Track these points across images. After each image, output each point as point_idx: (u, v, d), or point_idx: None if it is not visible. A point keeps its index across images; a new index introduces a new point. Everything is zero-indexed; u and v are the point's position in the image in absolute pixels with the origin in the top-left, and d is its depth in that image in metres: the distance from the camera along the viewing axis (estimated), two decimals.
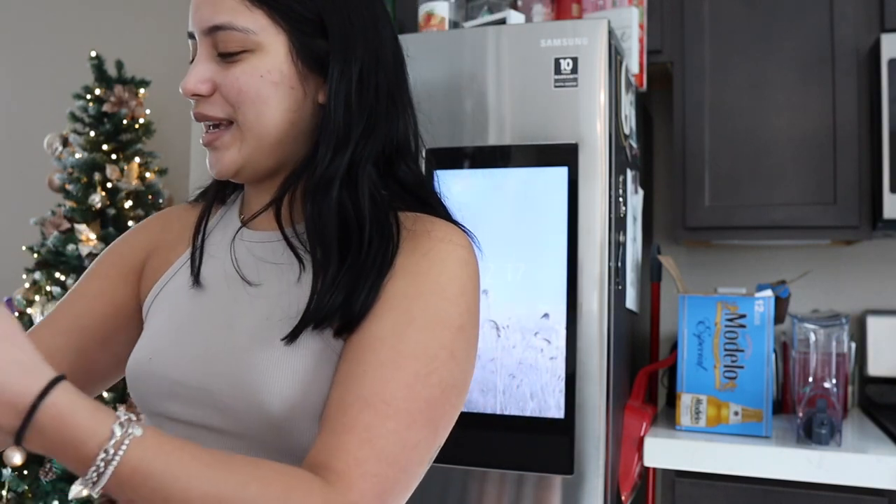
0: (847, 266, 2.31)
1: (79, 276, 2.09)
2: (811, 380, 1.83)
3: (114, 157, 2.65)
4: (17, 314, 2.55)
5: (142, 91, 2.74)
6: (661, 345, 2.29)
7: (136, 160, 2.68)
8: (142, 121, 2.73)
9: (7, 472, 2.38)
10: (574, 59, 1.62)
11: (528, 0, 2.01)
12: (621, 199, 1.74)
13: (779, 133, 2.04)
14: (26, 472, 2.42)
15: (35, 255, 2.62)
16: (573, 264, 1.59)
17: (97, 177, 2.59)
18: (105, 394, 2.41)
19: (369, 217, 0.80)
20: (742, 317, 1.78)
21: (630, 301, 1.86)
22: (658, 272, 2.08)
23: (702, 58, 2.09)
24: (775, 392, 2.07)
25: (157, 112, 2.80)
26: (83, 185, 2.60)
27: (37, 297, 2.55)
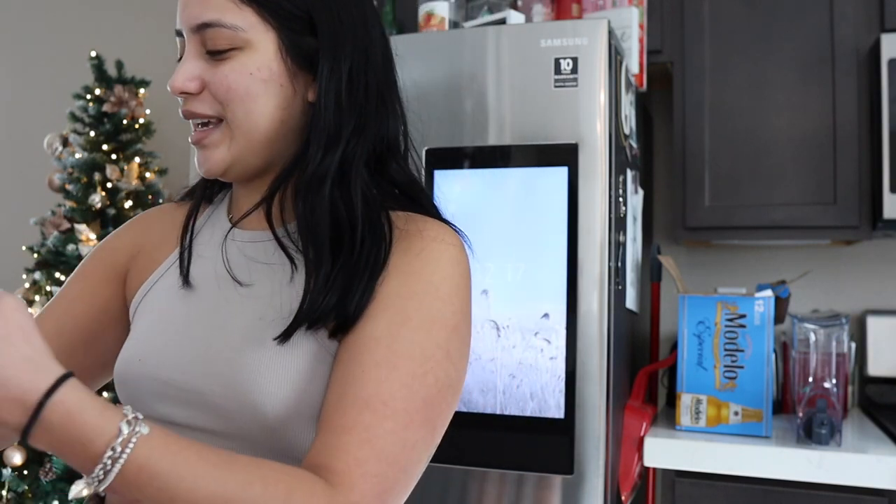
0: (847, 266, 2.31)
1: None
2: (811, 380, 1.83)
3: (114, 157, 2.65)
4: None
5: (142, 91, 2.74)
6: (661, 345, 2.29)
7: (136, 160, 2.68)
8: (142, 121, 2.73)
9: (7, 472, 2.37)
10: (574, 59, 1.62)
11: (528, 0, 2.01)
12: (621, 199, 1.74)
13: (779, 133, 2.04)
14: (26, 472, 2.41)
15: (35, 255, 2.62)
16: (573, 264, 1.59)
17: (97, 177, 2.59)
18: (105, 394, 2.41)
19: (361, 217, 0.79)
20: (742, 317, 1.78)
21: (630, 301, 1.86)
22: (658, 272, 2.08)
23: (702, 58, 2.09)
24: (775, 392, 2.07)
25: (157, 112, 2.79)
26: (83, 185, 2.60)
27: (37, 297, 2.55)
